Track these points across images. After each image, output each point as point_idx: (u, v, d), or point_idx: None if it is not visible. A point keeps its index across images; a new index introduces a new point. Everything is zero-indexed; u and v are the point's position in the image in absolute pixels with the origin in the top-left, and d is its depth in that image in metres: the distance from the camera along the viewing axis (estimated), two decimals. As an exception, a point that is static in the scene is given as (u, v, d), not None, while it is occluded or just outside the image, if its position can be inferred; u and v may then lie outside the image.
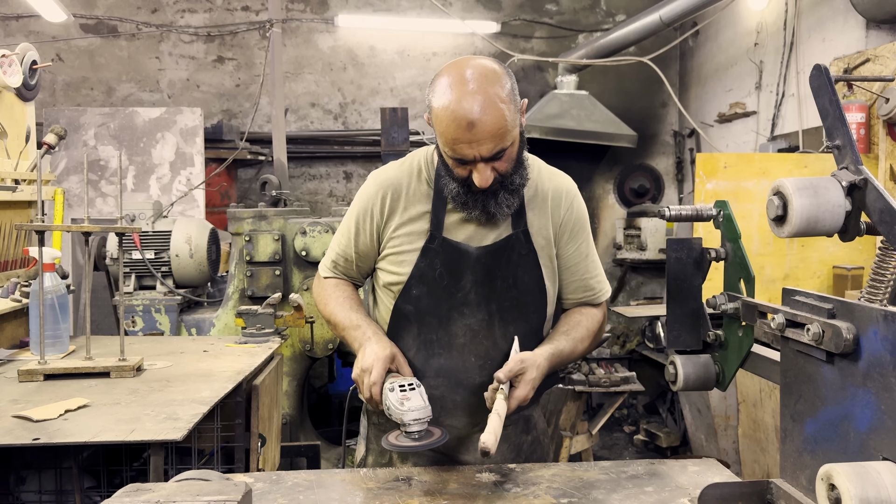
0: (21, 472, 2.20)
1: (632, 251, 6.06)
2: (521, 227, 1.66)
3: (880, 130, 3.64)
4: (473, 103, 1.45)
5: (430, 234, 1.64)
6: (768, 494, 1.31)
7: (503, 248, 1.65)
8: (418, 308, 1.66)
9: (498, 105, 1.47)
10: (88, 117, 5.32)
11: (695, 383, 1.53)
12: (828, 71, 1.23)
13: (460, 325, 1.66)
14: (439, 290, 1.64)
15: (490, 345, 1.67)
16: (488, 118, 1.46)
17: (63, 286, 2.49)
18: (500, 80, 1.50)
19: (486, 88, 1.47)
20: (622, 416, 5.88)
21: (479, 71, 1.49)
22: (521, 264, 1.66)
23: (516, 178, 1.59)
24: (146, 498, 1.10)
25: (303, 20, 6.20)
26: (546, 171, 1.76)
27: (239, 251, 3.73)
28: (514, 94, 1.53)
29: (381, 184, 1.70)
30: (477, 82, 1.47)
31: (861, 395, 1.09)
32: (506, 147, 1.51)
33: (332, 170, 6.32)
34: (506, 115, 1.48)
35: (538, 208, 1.70)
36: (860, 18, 4.00)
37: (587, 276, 1.77)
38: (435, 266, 1.63)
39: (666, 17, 4.86)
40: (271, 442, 2.60)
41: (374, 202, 1.69)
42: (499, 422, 1.50)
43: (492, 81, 1.48)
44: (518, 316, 1.68)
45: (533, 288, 1.68)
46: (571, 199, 1.75)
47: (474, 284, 1.64)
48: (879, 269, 1.21)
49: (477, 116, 1.45)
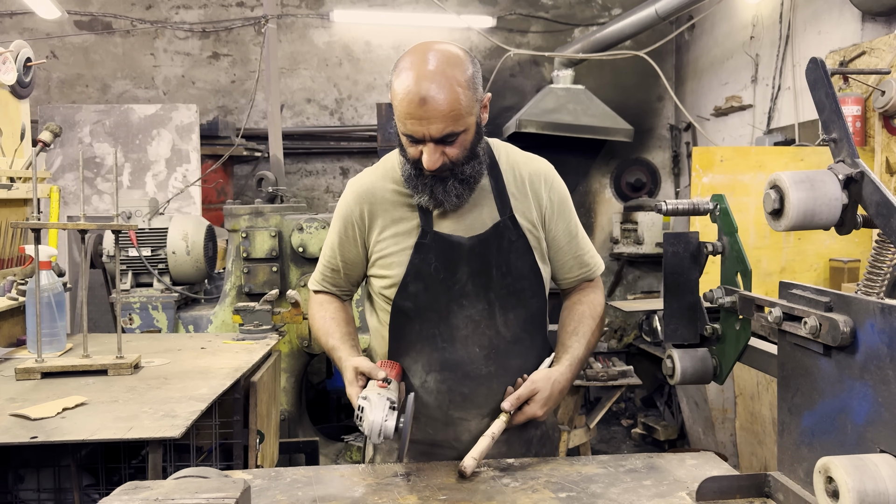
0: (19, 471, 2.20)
1: (629, 245, 6.07)
2: (507, 213, 1.66)
3: (876, 123, 3.64)
4: (429, 82, 1.47)
5: (421, 229, 1.65)
6: (766, 487, 1.32)
7: (494, 235, 1.65)
8: (417, 304, 1.66)
9: (453, 87, 1.48)
10: (84, 114, 5.30)
11: (692, 377, 1.53)
12: (824, 64, 1.23)
13: (461, 317, 1.66)
14: (436, 285, 1.64)
15: (493, 334, 1.67)
16: (441, 97, 1.47)
17: (59, 284, 2.48)
18: (462, 65, 1.52)
19: (444, 69, 1.49)
20: (620, 410, 5.89)
21: (441, 53, 1.52)
22: (512, 251, 1.66)
23: (468, 168, 1.59)
24: (145, 496, 1.10)
25: (298, 16, 6.19)
26: (521, 157, 1.76)
27: (236, 248, 3.73)
28: (474, 82, 1.54)
29: (359, 191, 1.72)
30: (436, 63, 1.50)
31: (858, 388, 1.09)
32: (457, 132, 1.52)
33: (329, 166, 6.30)
34: (460, 98, 1.49)
35: (518, 192, 1.70)
36: (856, 11, 4.00)
37: (580, 252, 1.78)
38: (429, 261, 1.64)
39: (662, 11, 4.85)
40: (269, 438, 2.61)
41: (354, 210, 1.71)
42: (488, 443, 1.53)
43: (452, 64, 1.50)
44: (517, 302, 1.68)
45: (528, 273, 1.68)
46: (551, 181, 1.74)
47: (470, 275, 1.65)
48: (876, 261, 1.21)
49: (430, 94, 1.47)
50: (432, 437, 1.71)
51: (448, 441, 1.71)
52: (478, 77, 1.56)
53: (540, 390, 1.61)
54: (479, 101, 1.56)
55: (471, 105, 1.52)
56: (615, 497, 1.37)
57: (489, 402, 1.67)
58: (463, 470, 1.47)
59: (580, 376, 3.86)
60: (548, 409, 1.62)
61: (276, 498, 1.38)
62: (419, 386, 1.68)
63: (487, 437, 1.54)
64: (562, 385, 1.64)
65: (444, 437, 1.71)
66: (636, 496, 1.37)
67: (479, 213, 1.66)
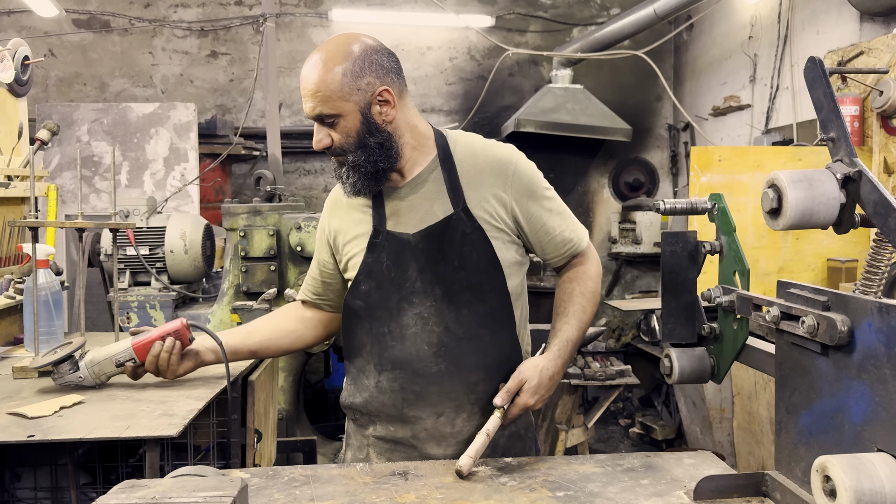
0: (16, 470, 2.19)
1: (627, 245, 6.08)
2: (460, 205, 1.64)
3: (874, 123, 3.64)
4: (310, 62, 1.57)
5: (373, 228, 1.66)
6: (763, 486, 1.32)
7: (441, 229, 1.63)
8: (368, 303, 1.67)
9: (327, 69, 1.54)
10: (81, 113, 5.29)
11: (690, 376, 1.53)
12: (822, 63, 1.23)
13: (410, 315, 1.64)
14: (387, 283, 1.65)
15: (441, 331, 1.64)
16: (312, 76, 1.55)
17: (57, 283, 2.48)
18: (349, 52, 1.57)
19: (326, 53, 1.56)
20: (617, 410, 5.90)
21: (336, 40, 1.60)
22: (465, 244, 1.63)
23: (354, 156, 1.61)
24: (142, 494, 1.10)
25: (296, 14, 6.18)
26: (482, 144, 1.73)
27: (234, 247, 3.72)
28: (359, 70, 1.56)
29: (329, 201, 1.83)
30: (325, 47, 1.58)
31: (856, 387, 1.09)
32: (329, 114, 1.57)
33: (327, 165, 6.30)
34: (329, 79, 1.54)
35: (474, 182, 1.67)
36: (854, 11, 4.00)
37: (561, 228, 1.72)
38: (382, 260, 1.65)
39: (660, 11, 4.85)
40: (267, 437, 2.60)
41: (324, 217, 1.82)
42: (483, 441, 1.52)
43: (337, 50, 1.57)
44: (471, 297, 1.64)
45: (485, 266, 1.64)
46: (514, 165, 1.70)
47: (419, 272, 1.64)
48: (874, 261, 1.21)
49: (305, 73, 1.57)
50: (393, 435, 1.72)
51: (407, 439, 1.70)
52: (369, 66, 1.57)
53: (528, 379, 1.59)
54: (361, 89, 1.57)
55: (345, 90, 1.55)
56: (613, 496, 1.37)
57: (443, 399, 1.65)
58: (459, 469, 1.47)
59: (578, 375, 3.86)
60: (540, 396, 1.60)
61: (274, 497, 1.38)
62: (374, 385, 1.69)
63: (483, 434, 1.53)
64: (551, 371, 1.61)
65: (403, 435, 1.70)
66: (634, 495, 1.37)
67: (429, 207, 1.66)
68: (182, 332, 1.84)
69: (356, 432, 1.81)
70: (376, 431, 1.74)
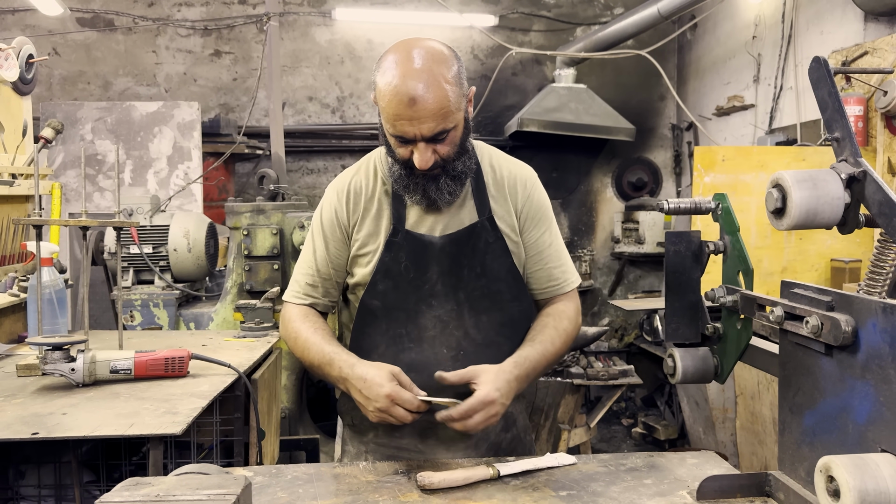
0: (20, 467, 2.20)
1: (630, 244, 6.07)
2: (485, 214, 1.64)
3: (878, 123, 3.64)
4: (417, 80, 1.43)
5: (392, 227, 1.62)
6: (767, 486, 1.32)
7: (468, 236, 1.62)
8: (385, 303, 1.63)
9: (442, 84, 1.45)
10: (85, 111, 5.30)
11: (693, 376, 1.53)
12: (827, 63, 1.23)
13: (429, 317, 1.62)
14: (405, 284, 1.62)
15: (461, 335, 1.63)
16: (431, 96, 1.44)
17: (61, 281, 2.48)
18: (447, 61, 1.49)
19: (430, 67, 1.45)
20: (620, 409, 5.89)
21: (426, 50, 1.48)
22: (488, 252, 1.63)
23: (459, 164, 1.57)
24: (145, 492, 1.10)
25: (300, 13, 6.18)
26: (504, 160, 1.73)
27: (237, 245, 3.73)
28: (460, 77, 1.51)
29: (340, 189, 1.69)
30: (422, 60, 1.46)
31: (860, 388, 1.09)
32: (448, 129, 1.49)
33: (330, 164, 6.30)
34: (449, 95, 1.46)
35: (500, 195, 1.68)
36: (858, 11, 3.99)
37: (550, 265, 1.71)
38: (400, 259, 1.61)
39: (664, 10, 4.85)
40: (270, 436, 2.61)
41: (339, 206, 1.68)
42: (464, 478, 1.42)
43: (438, 61, 1.47)
44: (490, 305, 1.64)
45: (505, 275, 1.64)
46: (531, 188, 1.70)
47: (440, 275, 1.61)
48: (878, 261, 1.21)
49: (420, 93, 1.43)
50: (398, 442, 1.69)
51: (414, 444, 1.68)
52: (462, 72, 1.53)
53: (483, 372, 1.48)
54: (465, 95, 1.54)
55: (458, 101, 1.50)
56: (616, 496, 1.36)
57: None
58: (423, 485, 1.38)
59: (581, 375, 3.86)
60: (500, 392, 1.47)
61: (277, 495, 1.38)
62: None
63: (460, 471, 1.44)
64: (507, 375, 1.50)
65: (411, 441, 1.68)
66: (637, 495, 1.37)
67: (456, 213, 1.64)
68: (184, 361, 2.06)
69: (353, 438, 1.78)
70: (378, 438, 1.72)
